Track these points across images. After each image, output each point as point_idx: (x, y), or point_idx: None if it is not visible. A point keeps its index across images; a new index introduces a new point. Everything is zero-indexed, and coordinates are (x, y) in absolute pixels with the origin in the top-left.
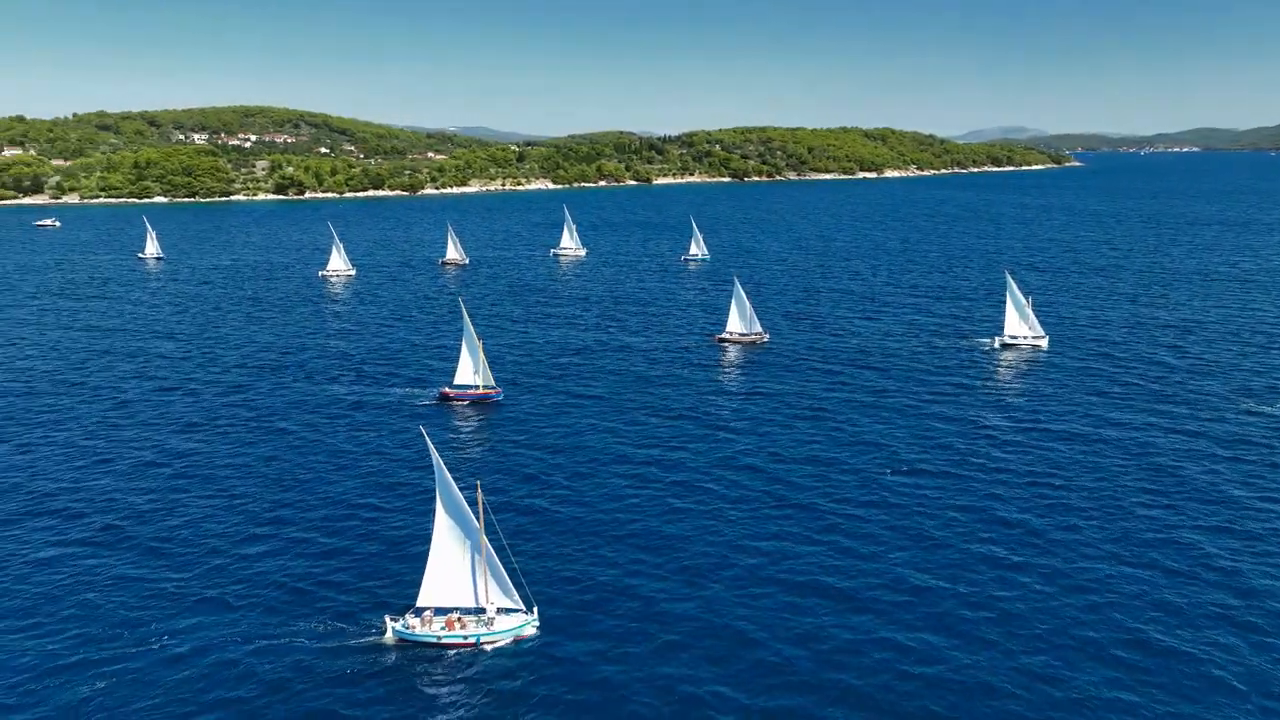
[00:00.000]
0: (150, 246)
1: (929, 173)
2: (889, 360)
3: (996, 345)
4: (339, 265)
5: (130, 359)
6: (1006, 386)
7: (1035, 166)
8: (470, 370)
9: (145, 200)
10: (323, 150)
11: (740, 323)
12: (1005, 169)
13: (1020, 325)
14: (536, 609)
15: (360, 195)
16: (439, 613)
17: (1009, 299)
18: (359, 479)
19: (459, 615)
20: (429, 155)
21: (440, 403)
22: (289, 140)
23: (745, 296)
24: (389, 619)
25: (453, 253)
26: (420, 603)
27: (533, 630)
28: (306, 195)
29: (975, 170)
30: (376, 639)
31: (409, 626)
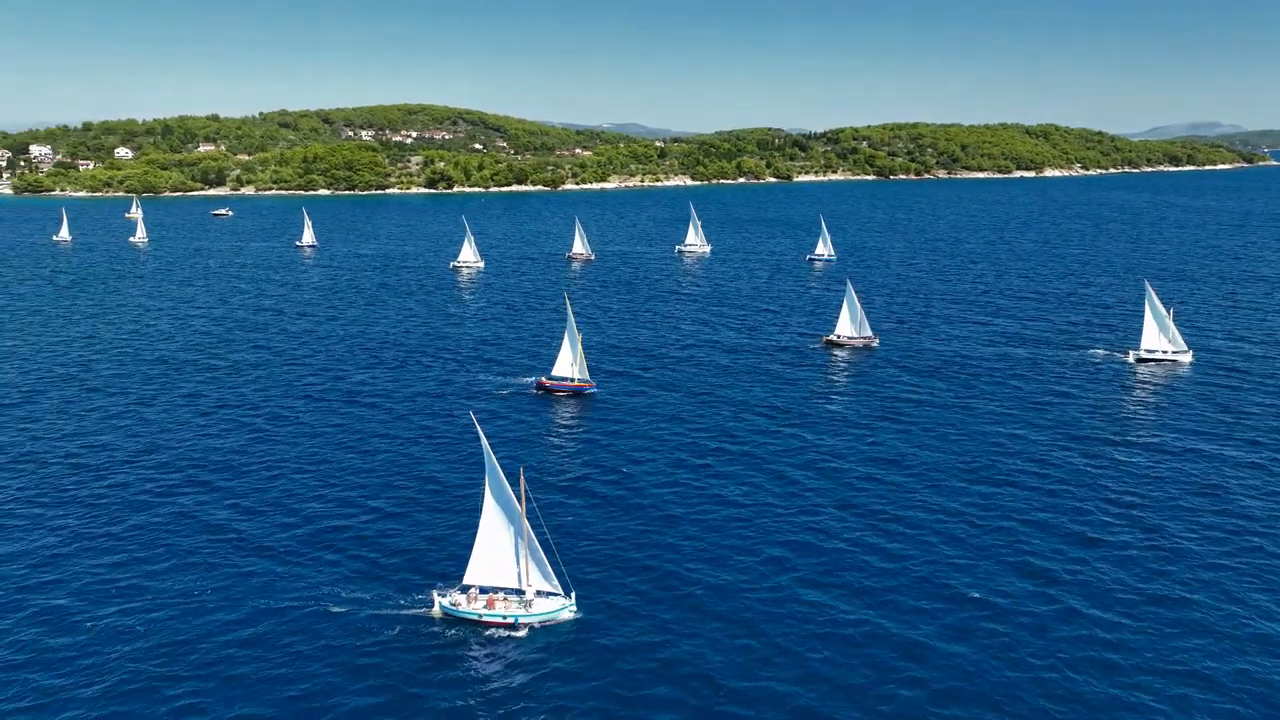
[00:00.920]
0: (306, 235)
1: (1095, 172)
2: (1004, 370)
3: (1131, 359)
4: (469, 256)
5: (261, 332)
6: (1132, 404)
7: (1221, 166)
8: (568, 362)
9: (310, 192)
10: (476, 146)
11: (850, 325)
12: (1185, 169)
13: (1159, 338)
14: (575, 595)
15: (504, 190)
16: (483, 591)
17: (1148, 309)
18: (439, 459)
19: (502, 595)
20: (576, 151)
21: (537, 392)
22: (446, 136)
23: (857, 298)
24: (436, 594)
25: (579, 247)
26: (466, 580)
27: (570, 615)
28: (454, 189)
29: (1149, 170)
30: (425, 610)
31: (454, 603)
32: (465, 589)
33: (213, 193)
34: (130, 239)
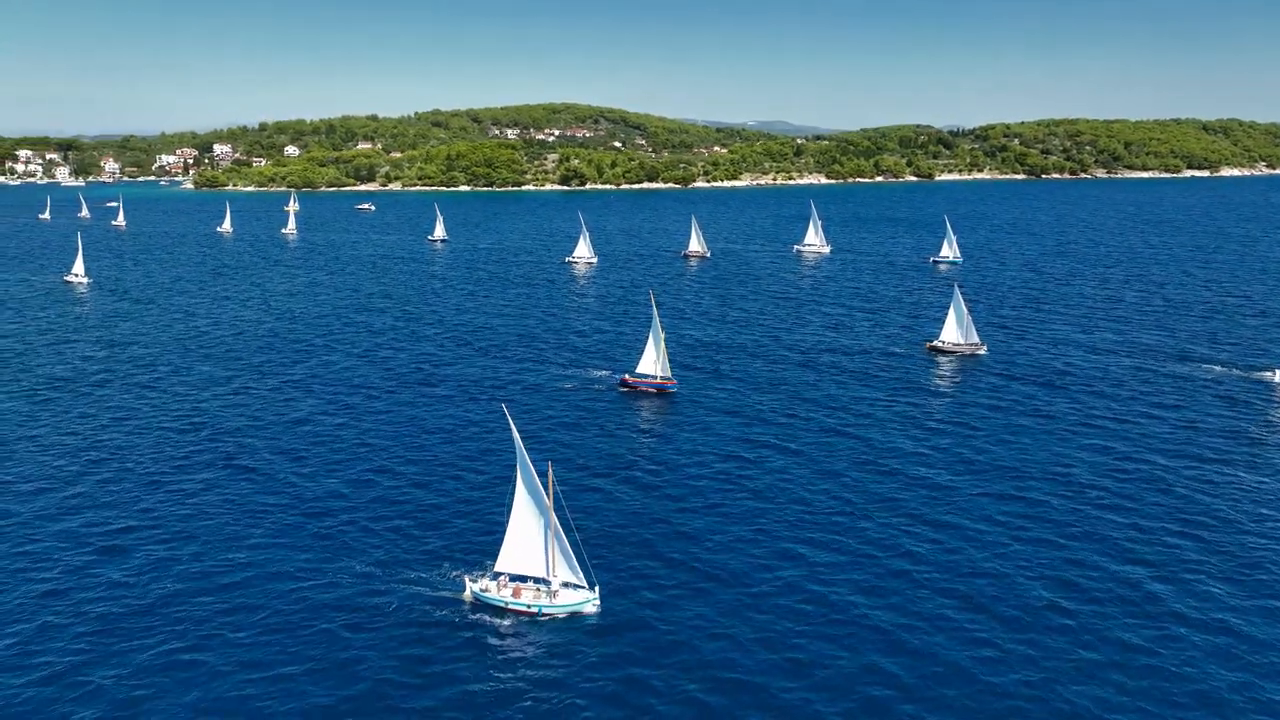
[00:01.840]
0: (438, 229)
1: None
2: (1117, 387)
3: (1278, 379)
4: (583, 252)
5: (364, 317)
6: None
7: None
8: (651, 360)
9: (451, 189)
10: (616, 144)
11: (956, 332)
12: None
13: None
14: (599, 589)
15: (635, 187)
16: (512, 579)
17: None
18: (506, 448)
19: (530, 584)
20: (715, 149)
21: (620, 388)
22: (587, 134)
23: (964, 303)
24: (469, 579)
25: (695, 244)
26: (498, 568)
27: (593, 609)
28: (587, 186)
29: None
30: (457, 594)
31: (484, 589)
32: (496, 576)
33: (362, 188)
34: (281, 230)
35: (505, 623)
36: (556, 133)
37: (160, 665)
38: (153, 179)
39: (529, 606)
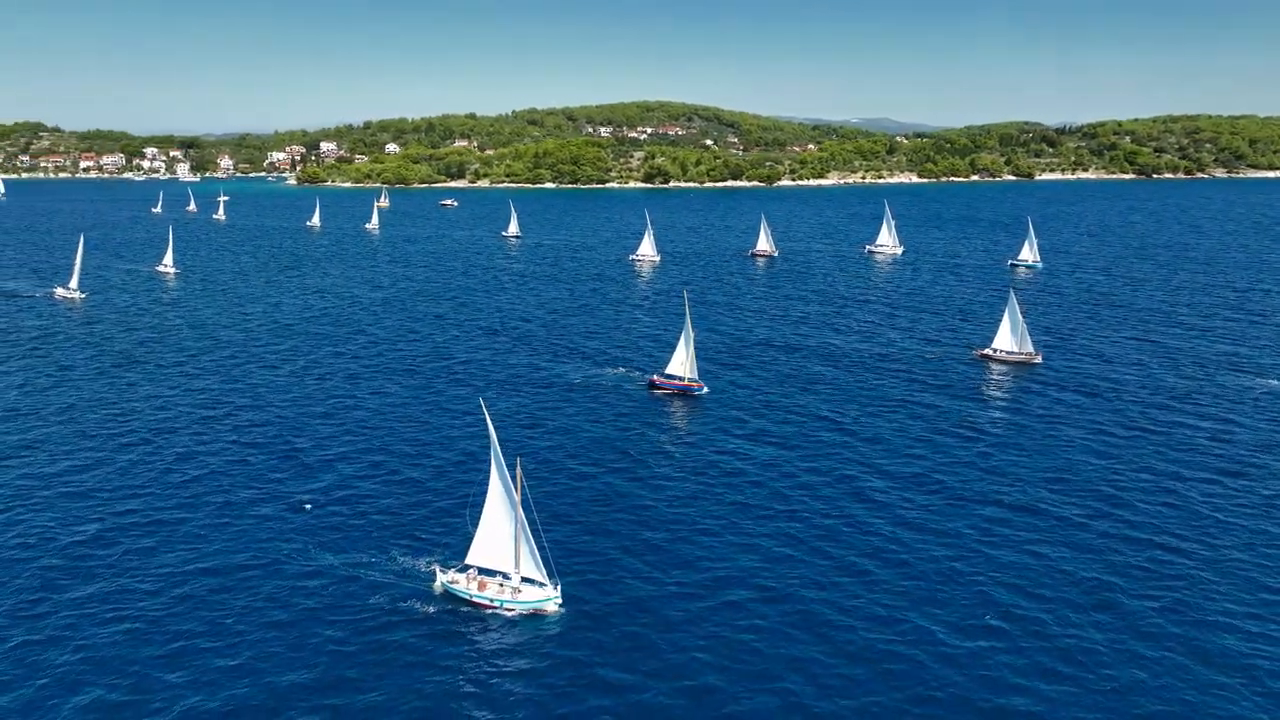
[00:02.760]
0: (512, 226)
1: None
2: (1189, 406)
3: None
4: (647, 250)
5: (411, 308)
6: None
7: None
8: (680, 361)
9: (537, 185)
10: (707, 142)
11: (1009, 339)
12: None
13: None
14: (560, 588)
15: (718, 185)
16: (480, 572)
17: None
18: (516, 443)
19: (496, 578)
20: (808, 147)
21: (647, 389)
22: (679, 132)
23: (1020, 310)
24: (439, 570)
25: (763, 244)
26: (467, 560)
27: (554, 608)
28: (670, 184)
29: None
30: (428, 584)
31: (453, 581)
32: (465, 569)
33: (452, 184)
34: (365, 225)
35: (469, 615)
36: (649, 130)
37: (123, 655)
38: (262, 175)
39: (491, 600)
